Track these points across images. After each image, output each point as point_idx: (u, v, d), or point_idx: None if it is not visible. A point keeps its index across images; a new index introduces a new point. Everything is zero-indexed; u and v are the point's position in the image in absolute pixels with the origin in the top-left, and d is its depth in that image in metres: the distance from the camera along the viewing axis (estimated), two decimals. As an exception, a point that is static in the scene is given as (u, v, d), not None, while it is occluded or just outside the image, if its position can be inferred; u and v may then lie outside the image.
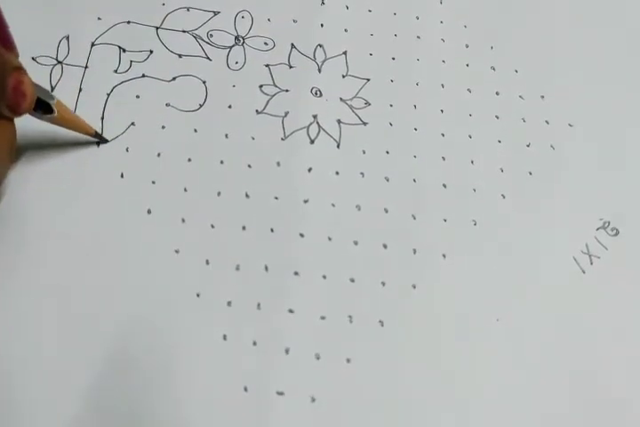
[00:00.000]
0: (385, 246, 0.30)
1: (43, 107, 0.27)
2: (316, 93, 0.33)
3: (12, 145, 0.26)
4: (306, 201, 0.30)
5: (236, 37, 0.34)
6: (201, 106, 0.32)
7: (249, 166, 0.31)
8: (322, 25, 0.35)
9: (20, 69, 0.25)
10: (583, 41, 0.37)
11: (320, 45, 0.35)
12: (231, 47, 0.34)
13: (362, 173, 0.31)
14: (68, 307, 0.27)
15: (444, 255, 0.30)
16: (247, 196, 0.30)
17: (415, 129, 0.33)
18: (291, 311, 0.28)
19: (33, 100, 0.26)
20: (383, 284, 0.29)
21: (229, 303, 0.27)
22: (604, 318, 0.29)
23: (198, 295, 0.27)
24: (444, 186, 0.31)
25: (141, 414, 0.25)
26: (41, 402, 0.25)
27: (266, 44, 0.34)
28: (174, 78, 0.33)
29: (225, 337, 0.27)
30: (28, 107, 0.25)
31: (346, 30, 0.36)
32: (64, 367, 0.26)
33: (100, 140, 0.30)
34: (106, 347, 0.26)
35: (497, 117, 0.34)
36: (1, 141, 0.25)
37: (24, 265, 0.27)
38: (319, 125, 0.32)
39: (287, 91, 0.33)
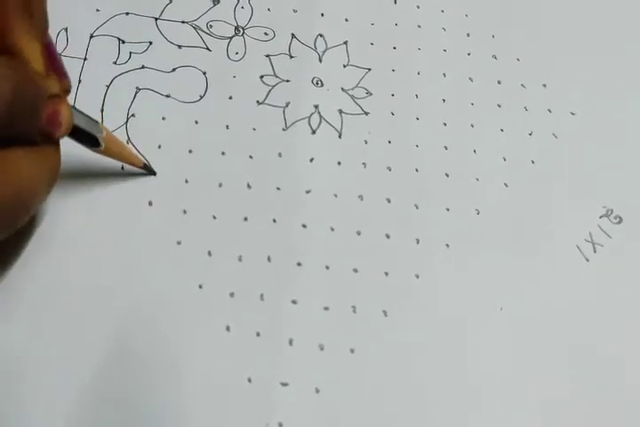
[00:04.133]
0: (388, 236, 0.29)
1: (90, 139, 0.26)
2: (317, 83, 0.33)
3: (55, 171, 0.25)
4: (308, 191, 0.30)
5: (236, 28, 0.34)
6: (201, 97, 0.32)
7: (250, 157, 0.31)
8: (322, 14, 0.35)
9: (58, 97, 0.24)
10: (585, 29, 0.37)
11: (321, 35, 0.34)
12: (231, 38, 0.34)
13: (364, 163, 0.31)
14: (68, 299, 0.27)
15: (447, 245, 0.30)
16: (249, 186, 0.30)
17: (417, 118, 0.33)
18: (294, 302, 0.27)
19: (68, 128, 0.24)
20: (386, 274, 0.29)
21: (232, 294, 0.27)
22: (607, 306, 0.29)
23: (201, 287, 0.27)
24: (447, 175, 0.31)
25: (144, 406, 0.25)
26: (43, 392, 0.25)
27: (266, 34, 0.34)
28: (174, 69, 0.33)
29: (228, 328, 0.27)
30: (61, 134, 0.24)
31: (346, 20, 0.35)
32: (65, 359, 0.26)
33: (148, 171, 0.29)
34: (107, 339, 0.26)
35: (499, 106, 0.34)
36: (42, 169, 0.24)
37: (23, 254, 0.27)
38: (320, 115, 0.32)
39: (288, 81, 0.33)
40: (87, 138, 0.26)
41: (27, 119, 0.23)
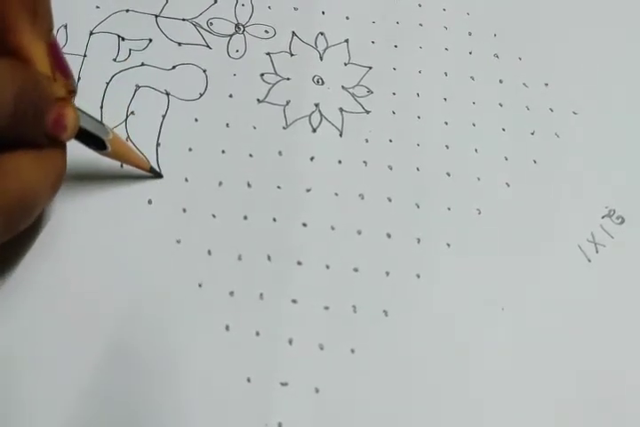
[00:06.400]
0: (388, 236, 0.29)
1: (96, 142, 0.26)
2: (317, 82, 0.33)
3: (60, 174, 0.24)
4: (308, 190, 0.30)
5: (237, 25, 0.34)
6: (201, 95, 0.32)
7: (250, 156, 0.30)
8: (323, 12, 0.35)
9: (63, 100, 0.24)
10: (587, 28, 0.37)
11: (321, 33, 0.34)
12: (231, 35, 0.34)
13: (365, 162, 0.31)
14: (67, 298, 0.26)
15: (448, 244, 0.29)
16: (249, 185, 0.30)
17: (418, 117, 0.33)
18: (294, 301, 0.27)
19: (74, 131, 0.24)
20: (387, 273, 0.28)
21: (232, 293, 0.27)
22: (609, 306, 0.29)
23: (200, 285, 0.27)
24: (448, 174, 0.31)
25: (143, 405, 0.25)
26: (42, 393, 0.25)
27: (266, 31, 0.34)
28: (174, 67, 0.32)
29: (227, 327, 0.27)
30: (67, 138, 0.24)
31: (347, 18, 0.35)
32: (64, 358, 0.25)
33: (154, 174, 0.29)
34: (106, 338, 0.26)
35: (500, 105, 0.33)
36: (47, 172, 0.24)
37: (22, 253, 0.27)
38: (321, 114, 0.32)
39: (288, 79, 0.33)
40: (94, 140, 0.26)
41: (31, 123, 0.23)
